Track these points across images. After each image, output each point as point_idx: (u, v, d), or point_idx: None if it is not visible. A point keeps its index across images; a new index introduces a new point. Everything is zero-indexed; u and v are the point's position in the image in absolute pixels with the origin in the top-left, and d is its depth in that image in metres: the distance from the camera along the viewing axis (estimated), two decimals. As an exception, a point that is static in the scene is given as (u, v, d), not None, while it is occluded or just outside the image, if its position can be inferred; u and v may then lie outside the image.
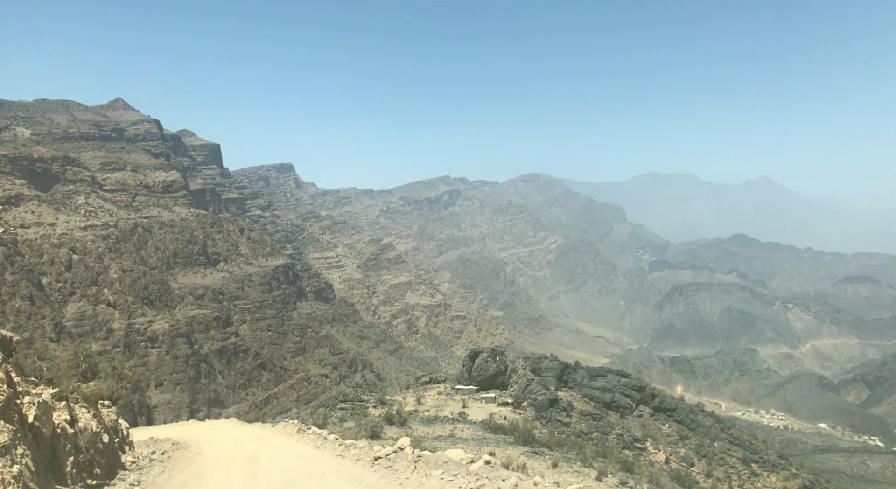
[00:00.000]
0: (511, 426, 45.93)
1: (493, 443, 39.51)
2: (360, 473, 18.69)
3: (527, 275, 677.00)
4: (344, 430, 39.77)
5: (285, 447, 29.30)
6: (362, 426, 39.59)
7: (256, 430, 42.41)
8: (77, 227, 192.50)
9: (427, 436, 38.53)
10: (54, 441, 12.73)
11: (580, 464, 35.08)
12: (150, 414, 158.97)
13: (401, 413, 52.10)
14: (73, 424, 15.31)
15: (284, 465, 22.07)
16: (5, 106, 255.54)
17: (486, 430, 46.39)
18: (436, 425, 48.37)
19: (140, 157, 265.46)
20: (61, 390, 15.27)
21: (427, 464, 16.80)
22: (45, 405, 12.07)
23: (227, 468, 22.01)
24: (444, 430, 45.25)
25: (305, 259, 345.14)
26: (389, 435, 38.86)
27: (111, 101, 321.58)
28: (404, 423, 48.03)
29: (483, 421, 55.29)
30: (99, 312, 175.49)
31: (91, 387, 20.25)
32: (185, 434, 41.01)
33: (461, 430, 45.50)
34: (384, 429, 41.34)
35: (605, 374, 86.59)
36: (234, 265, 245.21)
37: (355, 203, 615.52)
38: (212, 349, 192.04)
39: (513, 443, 39.86)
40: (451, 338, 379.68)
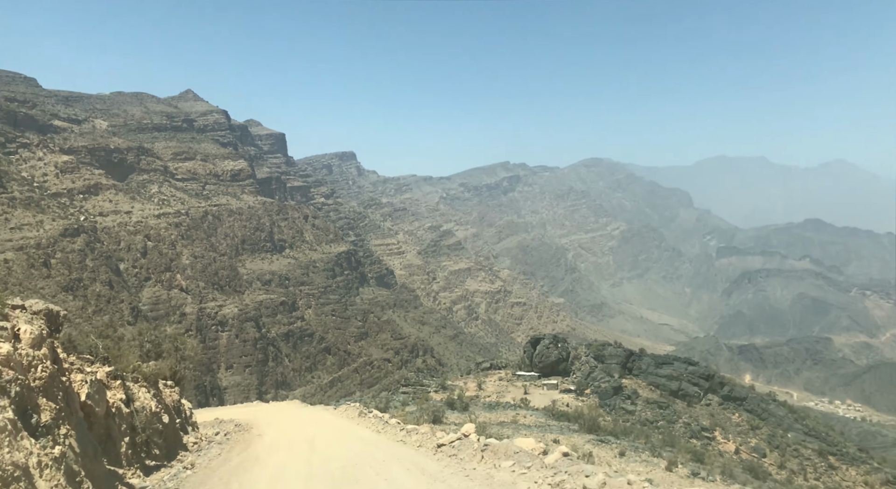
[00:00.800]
0: (575, 413, 44.75)
1: (557, 430, 38.52)
2: (422, 461, 17.79)
3: (588, 262, 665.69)
4: (405, 414, 39.57)
5: (345, 431, 28.95)
6: (424, 410, 39.21)
7: (318, 413, 42.49)
8: (151, 214, 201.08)
9: (489, 422, 37.90)
10: (108, 421, 12.48)
11: (648, 454, 33.72)
12: (221, 395, 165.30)
13: (462, 398, 51.64)
14: (130, 404, 15.09)
15: (343, 450, 21.55)
16: (84, 99, 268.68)
17: (550, 417, 45.41)
18: (498, 411, 47.72)
19: (209, 146, 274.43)
20: (117, 368, 15.01)
21: (495, 454, 15.47)
22: (98, 383, 11.88)
23: (285, 452, 21.70)
24: (507, 416, 44.51)
25: (367, 245, 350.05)
26: (451, 420, 38.36)
27: (182, 92, 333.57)
28: (466, 408, 47.54)
29: (545, 407, 54.28)
30: (172, 297, 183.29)
31: (151, 367, 20.08)
32: (249, 415, 41.48)
33: (524, 417, 44.69)
34: (446, 414, 40.83)
35: (671, 362, 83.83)
36: (299, 251, 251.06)
37: (415, 190, 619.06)
38: (279, 333, 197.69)
39: (577, 431, 38.74)
40: (511, 324, 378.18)
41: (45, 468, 6.50)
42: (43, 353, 8.06)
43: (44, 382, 7.75)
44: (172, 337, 28.65)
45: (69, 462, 7.38)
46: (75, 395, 9.93)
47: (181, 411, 24.38)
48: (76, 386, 10.15)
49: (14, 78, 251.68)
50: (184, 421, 24.44)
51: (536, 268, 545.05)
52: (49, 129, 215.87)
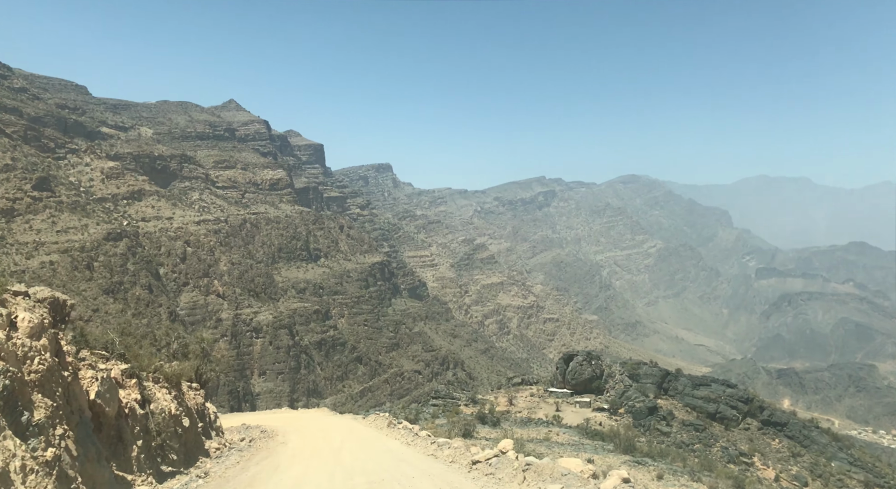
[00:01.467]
0: (611, 432, 43.13)
1: (591, 449, 37.08)
2: (455, 479, 16.15)
3: (624, 280, 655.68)
4: (436, 427, 38.66)
5: (373, 441, 27.70)
6: (455, 424, 38.25)
7: (346, 422, 41.72)
8: (192, 221, 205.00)
9: (521, 438, 36.71)
10: (120, 422, 11.69)
11: (687, 478, 32.10)
12: (254, 400, 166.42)
13: (493, 412, 50.46)
14: (146, 405, 14.21)
15: (369, 464, 20.14)
16: (131, 107, 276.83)
17: (583, 435, 43.90)
18: (530, 427, 46.40)
19: (250, 155, 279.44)
20: (132, 366, 14.15)
21: (539, 475, 13.60)
22: (110, 381, 11.20)
23: (307, 462, 20.44)
24: (539, 433, 43.19)
25: (401, 257, 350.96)
26: (482, 434, 37.33)
27: (224, 102, 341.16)
28: (497, 424, 46.34)
29: (578, 425, 52.72)
30: (209, 302, 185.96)
31: (174, 367, 19.15)
32: (276, 421, 41.15)
33: (556, 434, 43.28)
34: (477, 429, 39.77)
35: (708, 384, 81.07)
36: (333, 261, 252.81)
37: (450, 203, 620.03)
38: (311, 341, 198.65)
39: (612, 451, 37.22)
40: (543, 340, 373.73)
41: (29, 473, 5.76)
42: (42, 345, 7.36)
43: (40, 376, 7.10)
44: (199, 338, 27.96)
45: (63, 466, 6.69)
46: (82, 393, 9.36)
47: (205, 415, 23.37)
48: (85, 383, 9.53)
49: (66, 85, 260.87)
50: (207, 425, 23.40)
51: (570, 285, 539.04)
52: (97, 135, 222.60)
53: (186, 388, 22.27)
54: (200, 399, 22.91)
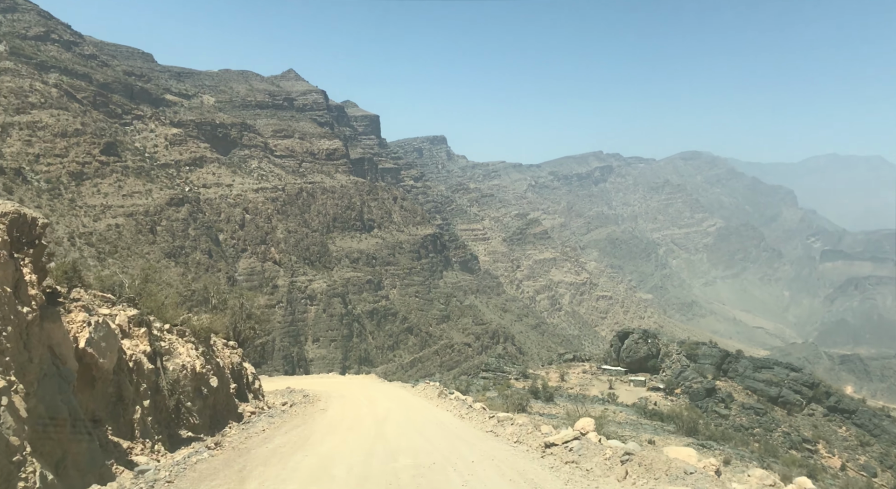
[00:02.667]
0: (671, 413, 41.02)
1: (651, 429, 35.22)
2: (529, 469, 12.65)
3: (681, 258, 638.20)
4: (487, 400, 37.42)
5: (422, 412, 25.22)
6: (507, 397, 36.89)
7: (394, 390, 40.18)
8: (250, 189, 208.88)
9: (576, 416, 35.18)
10: (120, 377, 9.96)
11: (756, 464, 29.92)
12: (307, 366, 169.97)
13: (546, 387, 48.92)
14: (157, 359, 12.28)
15: (417, 439, 17.38)
16: (195, 76, 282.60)
17: (641, 415, 42.00)
18: (585, 404, 44.83)
19: (307, 125, 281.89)
20: (141, 313, 12.30)
21: (648, 471, 10.38)
22: (107, 328, 9.47)
23: (343, 435, 17.69)
24: (594, 411, 41.50)
25: (453, 230, 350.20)
26: (535, 410, 35.88)
27: (284, 71, 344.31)
28: (551, 399, 44.93)
29: (635, 404, 50.73)
30: (266, 269, 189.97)
31: (203, 321, 17.09)
32: (323, 386, 39.99)
33: (613, 413, 41.52)
34: (530, 403, 38.34)
35: (771, 367, 77.41)
36: (386, 232, 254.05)
37: (504, 176, 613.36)
38: (364, 310, 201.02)
39: (673, 433, 35.22)
40: (595, 317, 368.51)
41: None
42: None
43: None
44: (239, 293, 26.84)
45: (4, 432, 5.33)
46: (64, 339, 7.82)
47: (242, 376, 21.88)
48: (74, 327, 8.33)
49: (133, 53, 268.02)
50: (244, 387, 22.06)
51: (625, 262, 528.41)
52: (161, 102, 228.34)
53: (221, 346, 20.68)
54: (237, 358, 21.45)
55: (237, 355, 22.01)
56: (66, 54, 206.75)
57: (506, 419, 19.99)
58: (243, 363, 23.32)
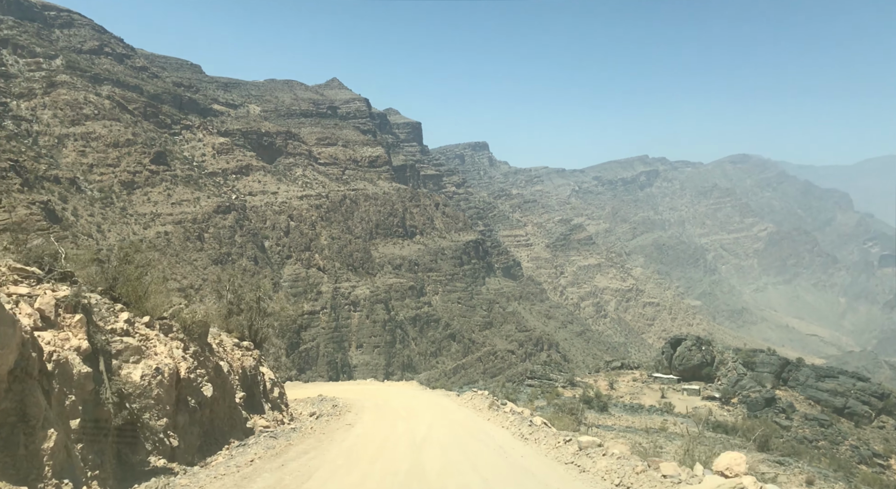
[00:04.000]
0: (740, 425, 38.39)
1: (717, 442, 32.90)
2: None
3: (730, 264, 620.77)
4: (535, 409, 35.70)
5: (473, 430, 21.30)
6: (560, 408, 34.95)
7: (437, 398, 36.39)
8: (295, 196, 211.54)
9: (634, 427, 33.11)
10: (25, 386, 7.01)
11: (843, 484, 27.46)
12: (351, 372, 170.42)
13: (600, 396, 46.83)
14: (101, 359, 9.09)
15: (471, 479, 12.85)
16: (241, 86, 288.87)
17: (704, 427, 39.59)
18: (641, 415, 42.63)
19: (350, 133, 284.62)
20: (74, 294, 9.09)
21: None
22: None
23: (363, 471, 13.20)
24: (652, 422, 39.34)
25: (495, 236, 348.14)
26: (591, 420, 33.99)
27: (328, 80, 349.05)
28: (605, 409, 42.94)
29: (694, 415, 48.13)
30: (311, 275, 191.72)
31: (195, 313, 13.99)
32: (358, 393, 36.94)
33: (672, 424, 39.22)
34: (584, 413, 36.29)
35: (836, 376, 73.31)
36: (428, 238, 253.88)
37: (546, 182, 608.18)
38: (406, 316, 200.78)
39: (743, 447, 32.86)
40: (642, 324, 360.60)
41: None
42: None
43: None
44: (256, 285, 24.30)
45: None
46: None
47: (257, 382, 19.14)
48: None
49: (182, 65, 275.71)
50: (260, 395, 19.08)
51: (672, 268, 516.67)
52: (209, 112, 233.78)
53: (231, 347, 18.36)
54: (251, 361, 18.79)
55: (252, 357, 19.52)
56: (118, 67, 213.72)
57: (590, 445, 14.90)
58: (260, 367, 20.84)
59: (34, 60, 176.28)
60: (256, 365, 20.00)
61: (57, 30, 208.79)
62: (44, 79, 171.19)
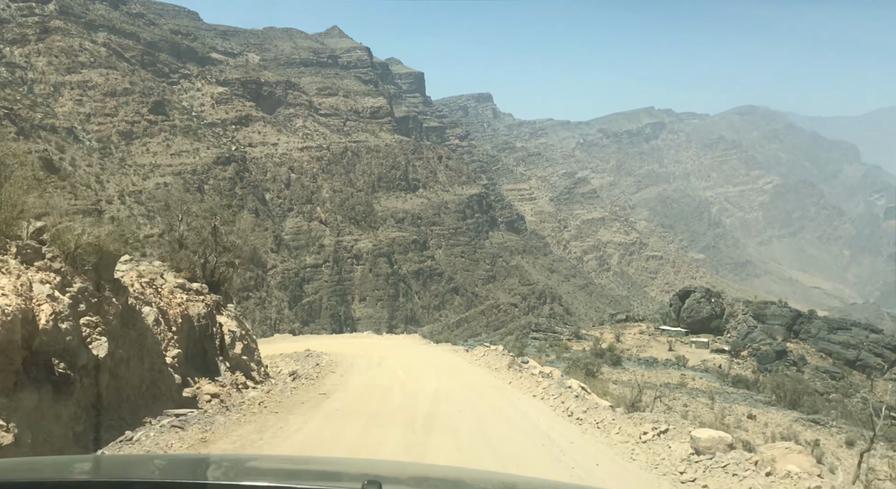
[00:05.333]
0: (773, 382, 36.74)
1: (740, 399, 31.74)
2: None
3: (735, 217, 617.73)
4: (544, 364, 34.52)
5: (498, 404, 16.35)
6: (574, 363, 33.61)
7: (443, 354, 31.59)
8: (295, 147, 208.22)
9: (652, 383, 32.03)
10: None
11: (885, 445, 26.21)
12: (354, 325, 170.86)
13: (613, 350, 45.74)
14: None
15: None
16: (240, 34, 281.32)
17: (723, 381, 38.52)
18: (656, 369, 41.68)
19: (351, 83, 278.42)
20: None
21: None
22: None
23: None
24: (670, 377, 38.35)
25: (499, 189, 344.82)
26: (606, 376, 32.84)
27: (328, 28, 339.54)
28: (618, 363, 41.92)
29: (709, 368, 47.19)
30: (312, 228, 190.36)
31: (85, 234, 9.90)
32: (353, 348, 32.80)
33: (691, 379, 38.12)
34: (600, 369, 34.97)
35: (848, 328, 72.45)
36: (431, 192, 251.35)
37: (551, 135, 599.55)
38: (409, 270, 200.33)
39: (771, 404, 31.62)
40: (645, 277, 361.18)
41: None
42: None
43: None
44: (212, 213, 19.10)
45: None
46: None
47: (211, 336, 15.75)
48: None
49: (179, 11, 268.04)
50: (216, 352, 15.85)
51: (676, 222, 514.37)
52: (207, 61, 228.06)
53: (171, 289, 14.62)
54: (200, 307, 14.96)
55: (203, 303, 15.57)
56: (114, 13, 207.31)
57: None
58: (217, 315, 17.03)
59: (26, 5, 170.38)
60: (210, 312, 16.12)
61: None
62: (37, 24, 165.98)
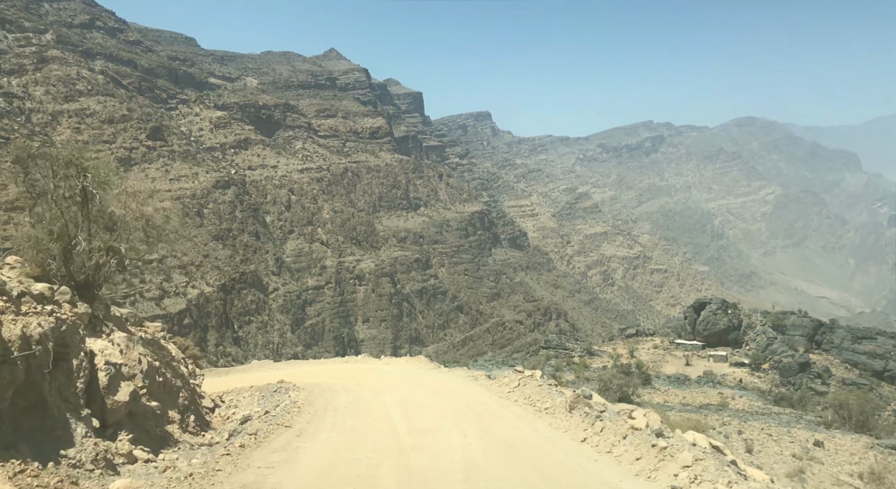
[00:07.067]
0: (834, 400, 33.07)
1: (792, 421, 28.87)
2: None
3: (737, 229, 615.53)
4: (565, 385, 31.91)
5: None
6: (605, 384, 30.20)
7: (460, 386, 22.91)
8: (295, 169, 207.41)
9: (690, 404, 29.52)
10: None
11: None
12: (358, 347, 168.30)
13: (641, 367, 43.00)
14: None
15: None
16: (238, 59, 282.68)
17: (765, 400, 35.84)
18: (689, 388, 39.11)
19: (350, 104, 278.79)
20: None
21: None
22: None
23: None
24: (707, 396, 35.66)
25: (500, 206, 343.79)
26: (645, 398, 30.02)
27: (325, 51, 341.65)
28: (647, 381, 39.20)
29: (753, 386, 44.47)
30: (314, 250, 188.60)
31: None
32: (337, 377, 26.24)
33: (731, 398, 35.41)
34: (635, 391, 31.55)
35: (874, 337, 69.77)
36: (433, 210, 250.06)
37: (551, 151, 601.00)
38: (413, 289, 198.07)
39: (836, 427, 28.66)
40: (650, 291, 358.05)
41: None
42: None
43: None
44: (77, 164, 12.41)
45: None
46: None
47: (70, 375, 10.08)
48: None
49: (176, 38, 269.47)
50: (75, 406, 9.96)
51: (679, 234, 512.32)
52: (205, 86, 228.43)
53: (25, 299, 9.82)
54: (44, 326, 9.51)
55: (52, 318, 10.03)
56: (111, 41, 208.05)
57: None
58: (84, 338, 11.21)
59: (23, 35, 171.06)
60: (69, 333, 10.39)
61: (46, 3, 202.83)
62: (34, 54, 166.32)
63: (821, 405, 33.64)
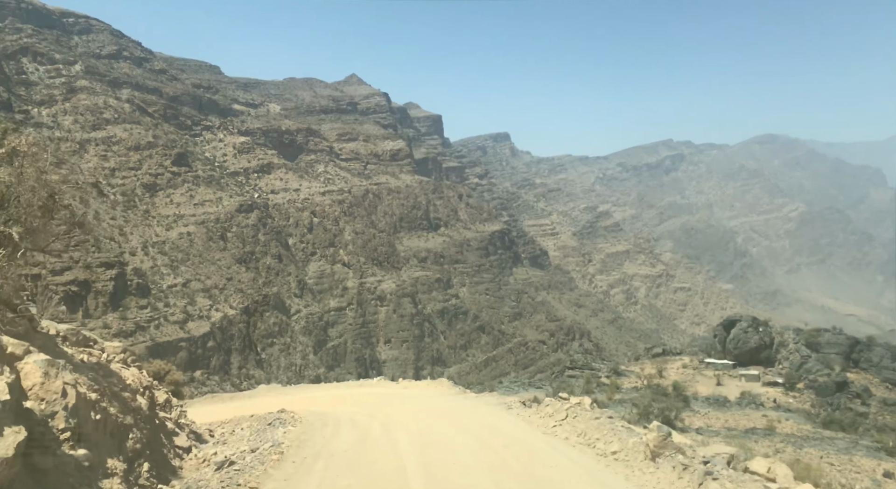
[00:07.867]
0: (884, 426, 31.72)
1: (849, 446, 27.76)
2: None
3: (761, 246, 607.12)
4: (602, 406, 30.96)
5: None
6: (643, 408, 28.95)
7: (494, 418, 19.29)
8: (317, 192, 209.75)
9: (736, 429, 28.68)
10: None
11: None
12: (380, 368, 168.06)
13: (679, 390, 41.83)
14: None
15: None
16: (261, 85, 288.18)
17: (813, 423, 34.62)
18: (731, 410, 38.04)
19: (371, 128, 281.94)
20: None
21: None
22: None
23: None
24: (750, 419, 34.63)
25: (520, 226, 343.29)
26: (689, 423, 28.98)
27: (347, 77, 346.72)
28: (687, 404, 38.12)
29: (797, 408, 43.15)
30: (336, 271, 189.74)
31: None
32: (348, 404, 23.71)
33: (777, 421, 34.27)
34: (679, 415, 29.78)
35: (916, 354, 67.64)
36: (453, 230, 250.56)
37: (570, 170, 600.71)
38: (434, 310, 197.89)
39: (887, 451, 27.58)
40: (673, 310, 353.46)
41: None
42: None
43: None
44: None
45: None
46: None
47: None
48: None
49: (201, 66, 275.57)
50: None
51: (702, 252, 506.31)
52: (229, 112, 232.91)
53: None
54: None
55: None
56: (137, 71, 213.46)
57: None
58: None
59: (54, 67, 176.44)
60: None
61: (76, 36, 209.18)
62: (64, 85, 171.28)
63: (867, 427, 32.31)
